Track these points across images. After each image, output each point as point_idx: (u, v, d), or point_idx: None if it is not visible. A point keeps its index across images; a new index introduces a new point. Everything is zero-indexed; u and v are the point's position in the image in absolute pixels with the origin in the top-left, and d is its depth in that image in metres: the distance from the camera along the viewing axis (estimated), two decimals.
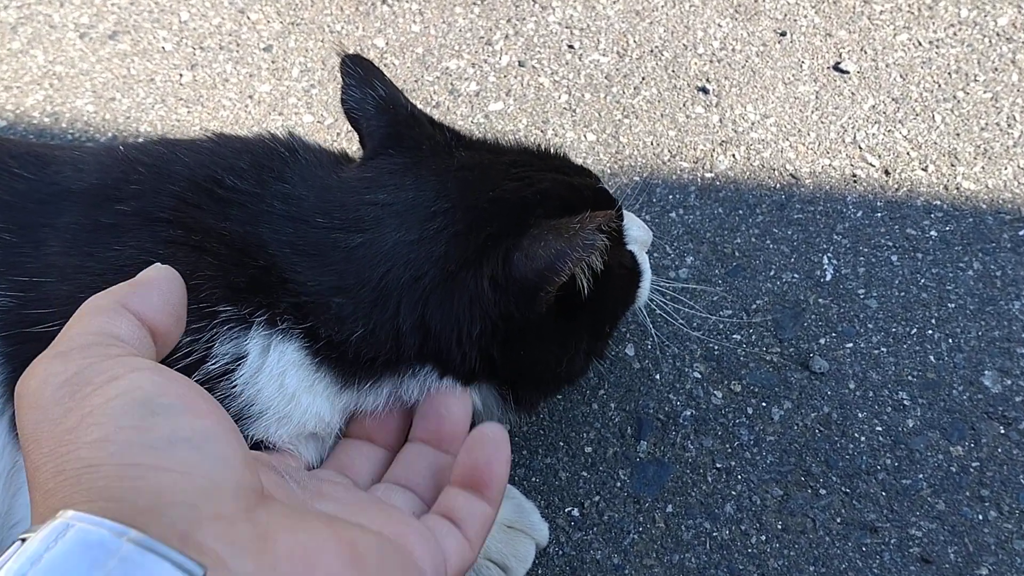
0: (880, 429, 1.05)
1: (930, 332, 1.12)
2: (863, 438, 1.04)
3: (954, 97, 1.36)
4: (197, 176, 0.85)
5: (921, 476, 1.02)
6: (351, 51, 1.41)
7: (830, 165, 1.29)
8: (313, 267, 0.82)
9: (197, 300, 0.76)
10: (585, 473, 1.02)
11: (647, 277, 1.01)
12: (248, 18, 1.50)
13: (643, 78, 1.41)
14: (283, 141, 0.91)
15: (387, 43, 1.46)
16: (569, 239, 0.77)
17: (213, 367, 0.77)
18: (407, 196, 0.86)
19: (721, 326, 1.13)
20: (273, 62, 1.44)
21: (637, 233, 1.00)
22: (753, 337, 1.12)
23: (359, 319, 0.81)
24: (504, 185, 0.86)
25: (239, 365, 0.78)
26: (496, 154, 0.93)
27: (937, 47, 1.43)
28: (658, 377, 1.09)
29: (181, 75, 1.43)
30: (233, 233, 0.82)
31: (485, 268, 0.80)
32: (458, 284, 0.81)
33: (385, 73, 0.97)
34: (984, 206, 1.24)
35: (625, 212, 0.98)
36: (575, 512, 1.00)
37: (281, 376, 0.80)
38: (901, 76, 1.39)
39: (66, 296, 0.76)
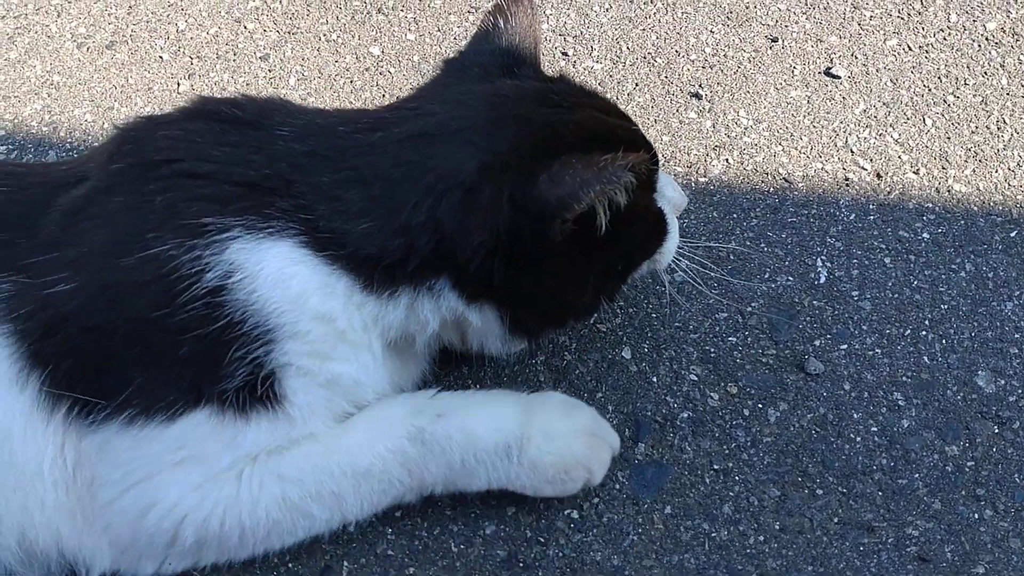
0: (875, 429, 1.06)
1: (924, 333, 1.14)
2: (859, 438, 1.05)
3: (944, 101, 1.38)
4: (192, 114, 0.93)
5: (917, 476, 1.03)
6: (347, 59, 1.42)
7: (823, 169, 1.31)
8: (327, 166, 0.88)
9: (185, 218, 0.82)
10: None
11: (673, 238, 1.04)
12: (245, 28, 1.51)
13: (636, 84, 1.42)
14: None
15: (383, 51, 1.47)
16: (598, 171, 0.81)
17: (203, 287, 0.81)
18: (435, 108, 0.91)
19: (717, 328, 1.14)
20: (270, 71, 1.46)
21: (671, 194, 1.03)
22: (749, 339, 1.13)
23: (367, 212, 0.85)
24: (535, 108, 0.91)
25: (232, 277, 0.82)
26: (548, 82, 0.99)
27: (927, 52, 1.44)
28: (655, 379, 1.11)
29: (179, 84, 1.44)
30: (230, 152, 0.88)
31: (506, 183, 0.84)
32: (477, 192, 0.85)
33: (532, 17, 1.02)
34: (975, 208, 1.25)
35: (662, 173, 1.02)
36: (574, 514, 1.01)
37: (284, 278, 0.83)
38: (892, 80, 1.41)
39: (73, 258, 0.82)
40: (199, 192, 0.84)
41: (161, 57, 1.48)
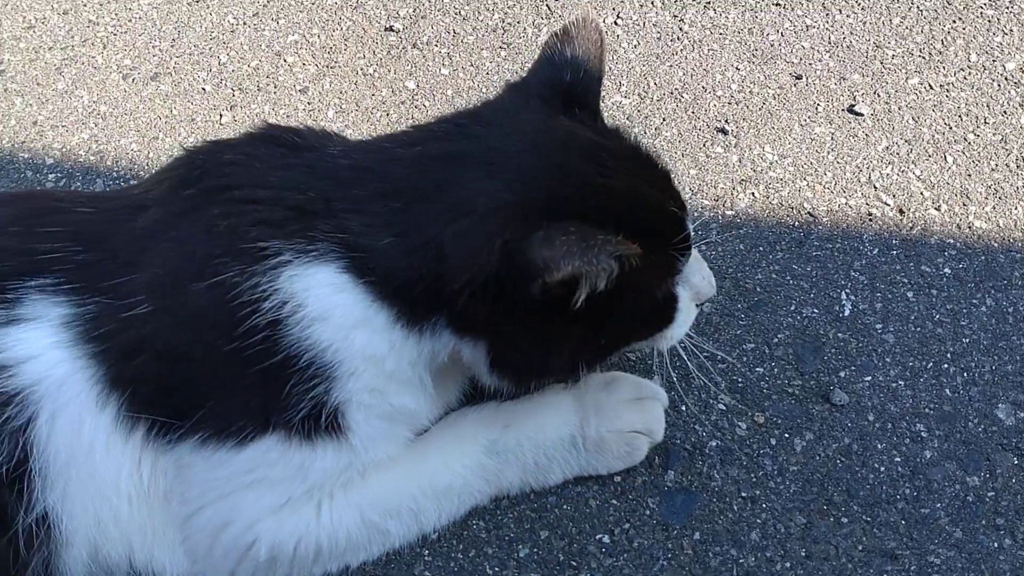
0: (899, 460, 1.09)
1: (945, 366, 1.17)
2: (883, 468, 1.09)
3: (965, 139, 1.41)
4: (255, 138, 0.96)
5: (939, 505, 1.06)
6: (383, 92, 1.46)
7: (846, 204, 1.34)
8: (365, 179, 0.89)
9: (245, 242, 0.85)
10: (615, 501, 1.07)
11: (681, 327, 1.02)
12: (285, 61, 1.57)
13: (664, 119, 1.46)
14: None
15: (418, 85, 1.52)
16: (584, 247, 0.79)
17: (262, 318, 0.83)
18: (482, 131, 0.91)
19: (744, 359, 1.18)
20: (309, 103, 1.50)
21: (696, 281, 1.02)
22: (775, 370, 1.17)
23: (390, 226, 0.86)
24: (577, 162, 0.89)
25: (285, 309, 0.84)
26: (603, 136, 0.95)
27: (948, 91, 1.48)
28: (684, 408, 1.14)
29: (221, 115, 1.49)
30: (285, 175, 0.89)
31: (506, 230, 0.83)
32: (478, 227, 0.84)
33: (599, 42, 0.98)
34: (996, 245, 1.29)
35: (696, 256, 1.01)
36: (605, 539, 1.04)
37: (329, 309, 0.85)
38: (913, 118, 1.44)
39: (150, 281, 0.86)
40: (257, 216, 0.87)
41: (204, 89, 1.53)
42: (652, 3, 1.64)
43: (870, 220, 1.32)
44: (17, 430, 0.83)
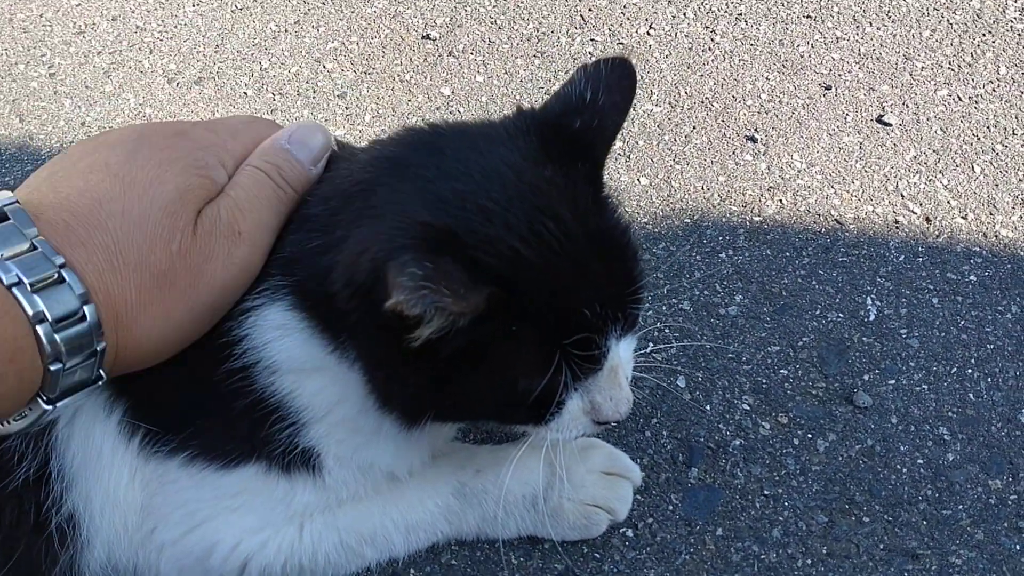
0: (921, 462, 1.10)
1: (969, 371, 1.18)
2: (905, 470, 1.10)
3: (993, 150, 1.43)
4: None
5: (961, 507, 1.07)
6: (419, 98, 1.50)
7: (873, 212, 1.36)
8: (317, 188, 0.84)
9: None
10: (639, 496, 1.08)
11: (555, 432, 0.87)
12: (324, 67, 1.61)
13: (694, 127, 1.49)
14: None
15: (453, 92, 1.56)
16: (418, 286, 0.66)
17: (237, 362, 0.82)
18: (442, 145, 0.81)
19: (769, 361, 1.20)
20: (347, 108, 1.55)
21: (598, 398, 0.86)
22: (799, 372, 1.19)
23: (321, 233, 0.79)
24: (510, 215, 0.75)
25: (251, 355, 0.82)
26: (573, 206, 0.78)
27: (976, 102, 1.49)
28: (708, 408, 1.16)
29: None
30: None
31: (385, 244, 0.72)
32: (371, 234, 0.75)
33: (628, 93, 0.86)
34: (1022, 253, 1.29)
35: (613, 373, 0.84)
36: (629, 533, 1.06)
37: (282, 355, 0.82)
38: (941, 129, 1.46)
39: None
40: None
41: (246, 93, 1.58)
42: (684, 14, 1.67)
43: (896, 228, 1.34)
44: (40, 433, 0.82)
